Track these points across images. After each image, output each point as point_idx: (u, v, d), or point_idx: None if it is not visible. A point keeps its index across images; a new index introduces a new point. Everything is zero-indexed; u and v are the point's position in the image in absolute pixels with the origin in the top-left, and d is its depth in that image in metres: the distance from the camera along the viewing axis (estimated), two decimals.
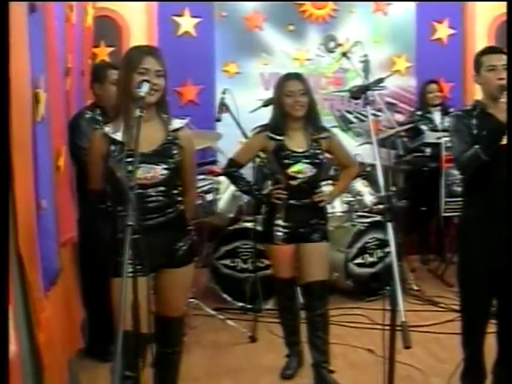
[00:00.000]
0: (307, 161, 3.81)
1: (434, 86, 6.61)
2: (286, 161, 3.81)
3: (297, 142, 3.85)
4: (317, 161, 3.84)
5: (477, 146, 3.21)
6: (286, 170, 3.82)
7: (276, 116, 3.88)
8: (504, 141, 3.17)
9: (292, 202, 3.84)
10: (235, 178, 4.04)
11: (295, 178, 3.81)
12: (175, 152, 2.99)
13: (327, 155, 3.99)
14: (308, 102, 3.80)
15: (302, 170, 3.80)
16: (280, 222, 3.85)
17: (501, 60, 3.30)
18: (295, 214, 3.84)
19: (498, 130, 3.18)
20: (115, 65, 4.46)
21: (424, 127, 6.46)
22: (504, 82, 3.24)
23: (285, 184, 3.84)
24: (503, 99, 3.16)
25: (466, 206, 3.55)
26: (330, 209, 4.17)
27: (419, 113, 6.65)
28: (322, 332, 3.85)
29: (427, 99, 6.60)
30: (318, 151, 3.85)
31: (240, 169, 4.02)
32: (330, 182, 5.35)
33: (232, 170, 4.01)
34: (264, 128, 3.91)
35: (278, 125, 3.85)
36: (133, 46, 3.16)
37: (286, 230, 3.85)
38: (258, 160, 4.46)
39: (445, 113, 6.40)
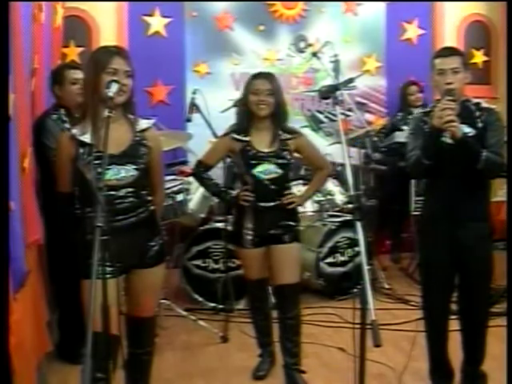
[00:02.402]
0: (273, 161, 3.74)
1: (414, 88, 6.64)
2: (252, 161, 3.75)
3: (263, 142, 3.77)
4: (284, 161, 3.76)
5: (418, 151, 3.24)
6: (251, 171, 3.75)
7: (241, 115, 3.82)
8: (448, 140, 3.17)
9: (260, 203, 3.77)
10: (203, 180, 3.97)
11: (261, 179, 3.75)
12: (143, 152, 2.97)
13: (297, 155, 3.91)
14: (274, 102, 3.71)
15: (267, 170, 3.73)
16: (248, 224, 3.80)
17: (451, 63, 3.25)
18: (263, 217, 3.78)
19: (433, 134, 3.18)
20: (74, 64, 4.41)
21: (406, 128, 6.43)
22: (451, 86, 3.22)
23: (251, 185, 3.78)
24: (440, 104, 3.16)
25: (423, 204, 3.60)
26: (300, 208, 4.13)
27: (400, 114, 6.67)
28: (294, 334, 3.85)
29: (409, 101, 6.64)
30: (286, 152, 3.77)
31: (208, 170, 3.94)
32: (300, 181, 5.38)
33: (200, 171, 3.94)
34: (230, 130, 3.84)
35: (243, 125, 3.79)
36: (100, 47, 3.16)
37: (254, 233, 3.79)
38: (228, 160, 4.43)
39: None
